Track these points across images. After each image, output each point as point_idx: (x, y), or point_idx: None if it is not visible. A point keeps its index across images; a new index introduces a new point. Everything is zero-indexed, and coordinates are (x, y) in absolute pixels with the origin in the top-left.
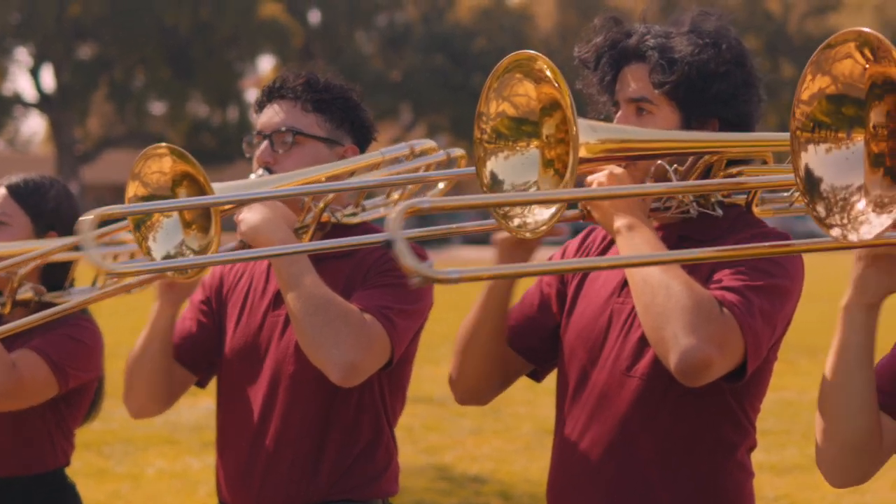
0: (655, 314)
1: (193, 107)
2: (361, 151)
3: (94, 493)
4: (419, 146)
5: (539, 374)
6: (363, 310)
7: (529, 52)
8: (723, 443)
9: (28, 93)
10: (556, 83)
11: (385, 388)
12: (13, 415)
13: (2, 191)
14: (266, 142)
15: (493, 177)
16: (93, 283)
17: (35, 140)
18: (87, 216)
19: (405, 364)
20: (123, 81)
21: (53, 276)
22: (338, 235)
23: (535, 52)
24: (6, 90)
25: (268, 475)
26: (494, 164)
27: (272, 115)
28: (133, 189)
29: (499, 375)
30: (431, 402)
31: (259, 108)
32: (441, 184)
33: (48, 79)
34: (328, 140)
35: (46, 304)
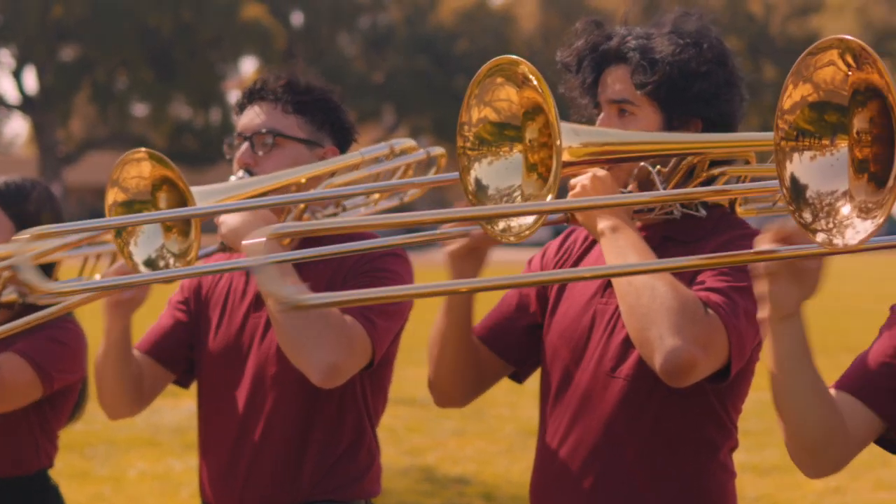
0: (640, 315)
1: (176, 109)
2: (342, 153)
3: (77, 495)
4: (399, 145)
5: (520, 376)
6: (344, 311)
7: (511, 57)
8: (706, 443)
9: (10, 94)
10: (540, 88)
11: (367, 389)
12: None
13: None
14: (246, 143)
15: (478, 183)
16: None
17: (17, 142)
18: (23, 234)
19: (386, 365)
20: (106, 83)
21: None
22: (317, 241)
23: (517, 57)
24: None
25: (250, 476)
26: (478, 171)
27: (253, 117)
28: (113, 195)
29: (473, 378)
30: (414, 404)
31: (240, 110)
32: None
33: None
34: (308, 142)
35: (30, 306)
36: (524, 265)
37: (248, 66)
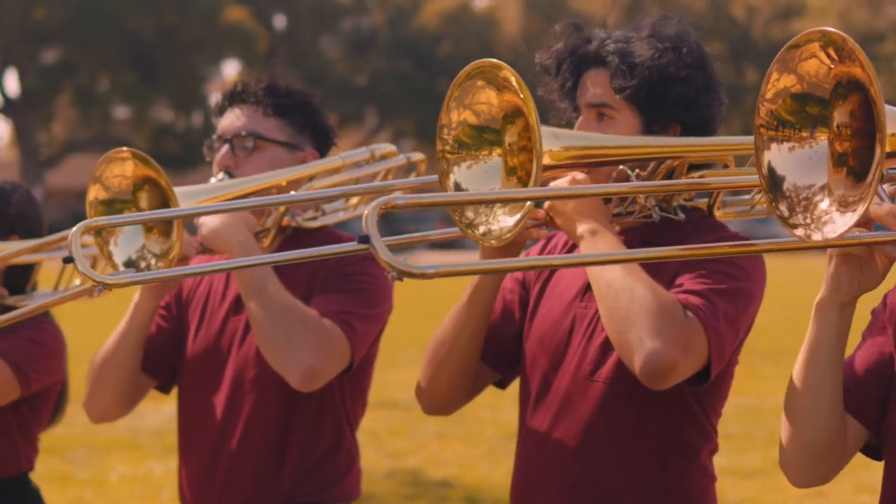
0: (619, 318)
1: (158, 111)
2: (322, 157)
3: (58, 499)
4: (379, 150)
5: (504, 382)
6: (323, 314)
7: (492, 61)
8: (685, 447)
9: None
10: (521, 93)
11: (346, 392)
12: None
13: None
14: (227, 146)
15: (457, 187)
16: (55, 287)
17: None
18: (75, 228)
19: (366, 368)
20: (88, 86)
21: (16, 279)
22: (298, 239)
23: (498, 61)
24: None
25: (229, 479)
26: (458, 174)
27: (233, 120)
28: (94, 192)
29: (470, 384)
30: (396, 407)
31: (220, 113)
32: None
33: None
34: (289, 145)
35: (8, 308)
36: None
37: (231, 69)
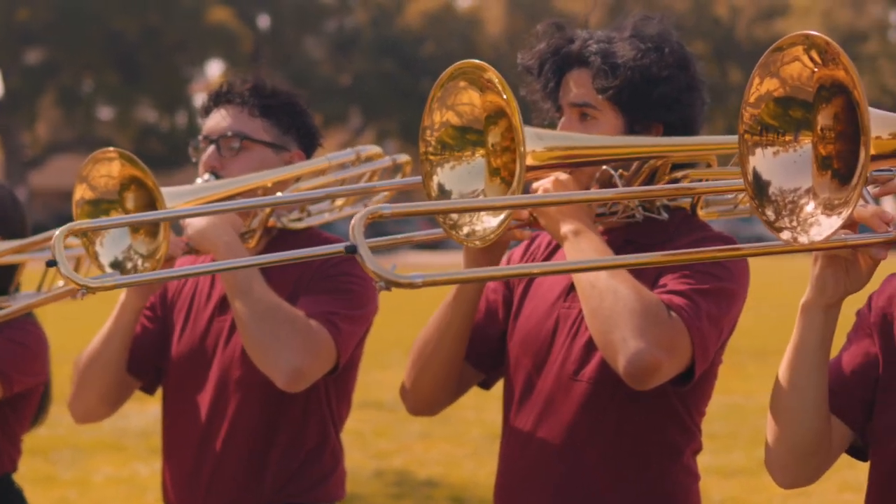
0: (603, 318)
1: (142, 112)
2: (308, 157)
3: (42, 500)
4: (365, 152)
5: (488, 383)
6: (309, 315)
7: (475, 62)
8: (669, 446)
9: None
10: (504, 94)
11: (331, 393)
12: None
13: None
14: (212, 146)
15: (441, 188)
16: (38, 288)
17: None
18: (58, 231)
19: (351, 369)
20: (71, 86)
21: None
22: (283, 240)
23: (481, 62)
24: None
25: (214, 479)
26: (441, 176)
27: (219, 120)
28: (80, 192)
29: (454, 385)
30: (381, 408)
31: (206, 113)
32: (382, 193)
33: None
34: (275, 145)
35: None
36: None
37: (214, 70)
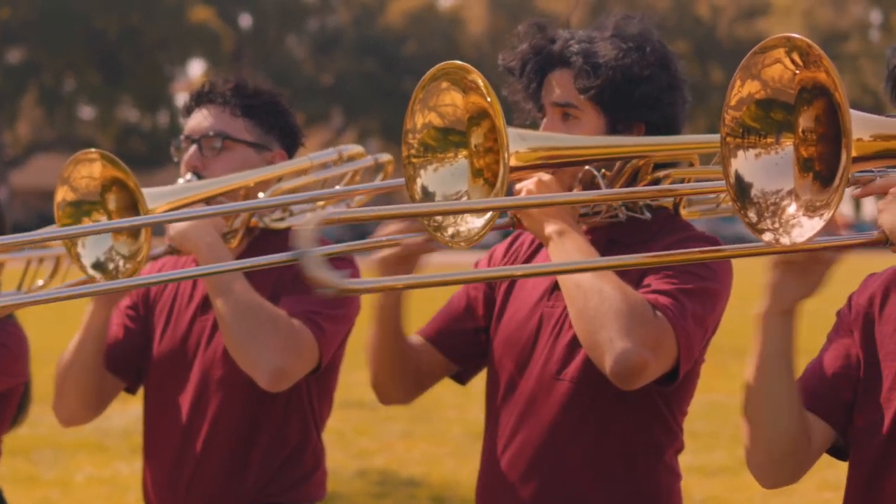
0: (589, 318)
1: (123, 111)
2: (290, 157)
3: (23, 500)
4: (347, 151)
5: (463, 377)
6: (291, 315)
7: (457, 63)
8: (652, 446)
9: None
10: (488, 97)
11: (313, 393)
12: None
13: None
14: (194, 146)
15: (424, 190)
16: (18, 287)
17: None
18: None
19: (333, 369)
20: (53, 86)
21: None
22: (266, 240)
23: (463, 63)
24: None
25: (195, 479)
26: (424, 178)
27: (201, 120)
28: (62, 194)
29: (414, 380)
30: (362, 407)
31: (187, 113)
32: (338, 187)
33: None
34: (257, 145)
35: None
36: (470, 267)
37: (196, 69)
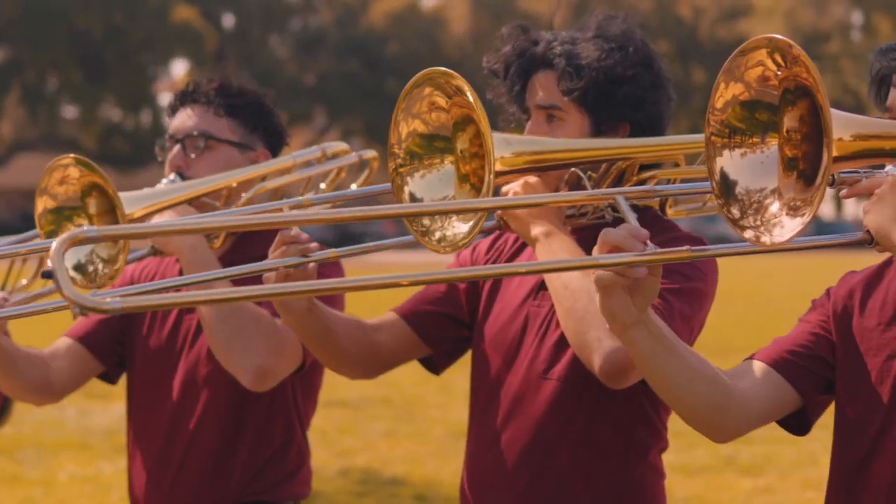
0: (577, 318)
1: (106, 111)
2: (274, 157)
3: (7, 499)
4: (331, 149)
5: (436, 364)
6: (274, 314)
7: (440, 69)
8: (637, 445)
9: None
10: (474, 104)
11: (297, 392)
12: None
13: None
14: (178, 146)
15: (412, 197)
16: (2, 287)
17: None
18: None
19: (317, 368)
20: (36, 85)
21: None
22: (249, 239)
23: (446, 69)
24: None
25: (179, 476)
26: (412, 185)
27: (185, 120)
28: (42, 204)
29: (367, 360)
30: (345, 406)
31: (171, 113)
32: (323, 184)
33: None
34: (240, 145)
35: None
36: (452, 258)
37: (179, 69)
